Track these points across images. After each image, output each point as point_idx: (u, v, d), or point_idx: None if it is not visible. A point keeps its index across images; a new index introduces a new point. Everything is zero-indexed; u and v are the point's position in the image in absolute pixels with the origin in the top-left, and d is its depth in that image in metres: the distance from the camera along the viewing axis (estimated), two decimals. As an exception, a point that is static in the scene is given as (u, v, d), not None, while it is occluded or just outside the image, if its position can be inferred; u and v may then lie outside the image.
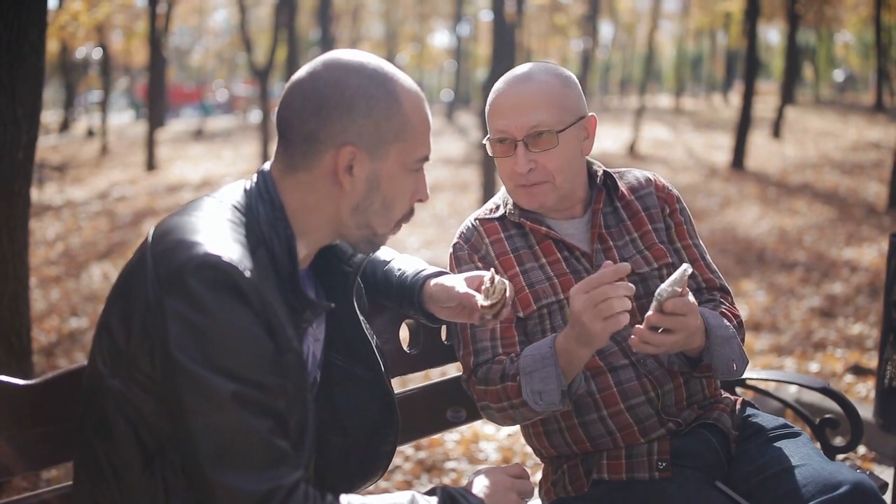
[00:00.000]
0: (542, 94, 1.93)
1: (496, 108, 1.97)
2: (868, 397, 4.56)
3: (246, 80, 44.47)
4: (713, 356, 1.88)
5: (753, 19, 16.16)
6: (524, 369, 1.82)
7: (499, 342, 1.96)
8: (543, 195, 1.97)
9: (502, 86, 1.98)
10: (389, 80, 1.48)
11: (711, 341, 1.86)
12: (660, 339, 1.74)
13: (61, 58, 26.08)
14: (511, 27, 12.64)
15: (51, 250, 10.13)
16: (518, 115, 1.92)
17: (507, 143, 1.95)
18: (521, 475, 1.57)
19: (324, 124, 1.44)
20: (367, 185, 1.48)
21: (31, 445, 1.54)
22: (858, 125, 23.37)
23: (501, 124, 1.95)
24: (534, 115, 1.92)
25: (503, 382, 1.88)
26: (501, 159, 1.98)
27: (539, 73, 1.96)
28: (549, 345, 1.81)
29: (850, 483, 1.72)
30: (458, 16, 35.40)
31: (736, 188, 13.61)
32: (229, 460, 1.29)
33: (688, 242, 2.10)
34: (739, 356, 1.89)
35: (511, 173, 1.98)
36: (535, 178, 1.95)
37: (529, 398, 1.81)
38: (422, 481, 3.79)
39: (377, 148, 1.46)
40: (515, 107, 1.93)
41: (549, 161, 1.94)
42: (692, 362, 1.94)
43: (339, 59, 1.49)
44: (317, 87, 1.45)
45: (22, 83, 3.01)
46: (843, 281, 7.54)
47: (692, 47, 54.45)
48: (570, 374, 1.80)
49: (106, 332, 1.40)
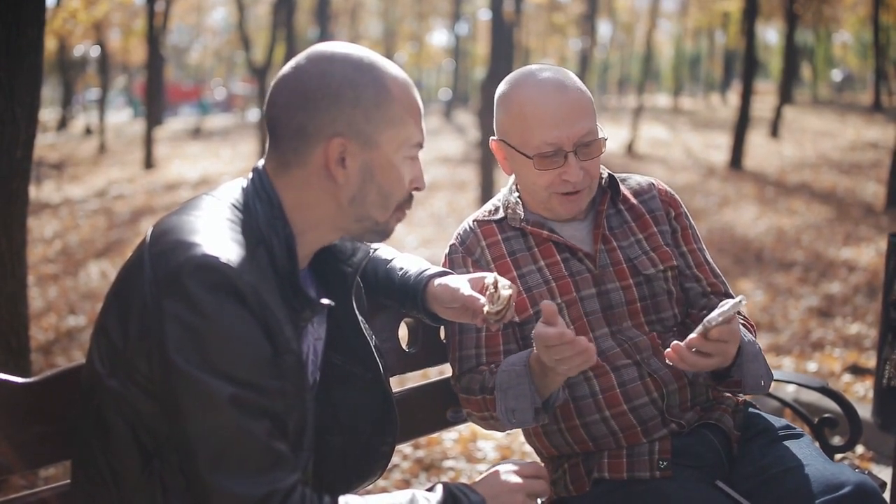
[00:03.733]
0: (583, 102, 1.92)
1: (541, 121, 1.90)
2: (866, 397, 4.56)
3: (244, 79, 44.45)
4: (743, 373, 1.86)
5: (752, 19, 16.17)
6: (500, 385, 1.83)
7: (483, 350, 1.96)
8: (582, 201, 1.98)
9: (537, 96, 1.91)
10: (375, 68, 1.46)
11: (743, 358, 1.85)
12: (695, 360, 1.73)
13: (59, 56, 26.05)
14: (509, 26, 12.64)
15: (49, 248, 10.12)
16: (569, 125, 1.89)
17: (555, 154, 1.91)
18: (536, 474, 1.54)
19: (311, 117, 1.42)
20: (361, 177, 1.46)
21: (29, 444, 1.53)
22: (856, 125, 23.38)
23: (553, 136, 1.89)
24: (583, 123, 1.90)
25: (482, 394, 1.89)
26: (542, 171, 1.93)
27: (566, 79, 1.94)
28: (524, 361, 1.81)
29: (852, 484, 1.72)
30: (457, 15, 35.42)
31: (734, 188, 13.61)
32: (226, 463, 1.28)
33: (693, 247, 2.09)
34: (767, 372, 1.89)
35: (555, 183, 1.93)
36: (581, 185, 1.94)
37: (503, 416, 1.82)
38: (420, 480, 3.79)
39: (368, 137, 1.45)
40: (567, 117, 1.89)
41: (594, 168, 1.95)
42: (717, 376, 1.92)
43: (322, 51, 1.47)
44: (302, 81, 1.43)
45: (20, 81, 3.00)
46: (841, 281, 7.54)
47: (690, 47, 54.50)
48: (545, 391, 1.80)
49: (103, 332, 1.39)
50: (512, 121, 1.95)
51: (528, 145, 1.93)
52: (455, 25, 36.33)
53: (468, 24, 43.18)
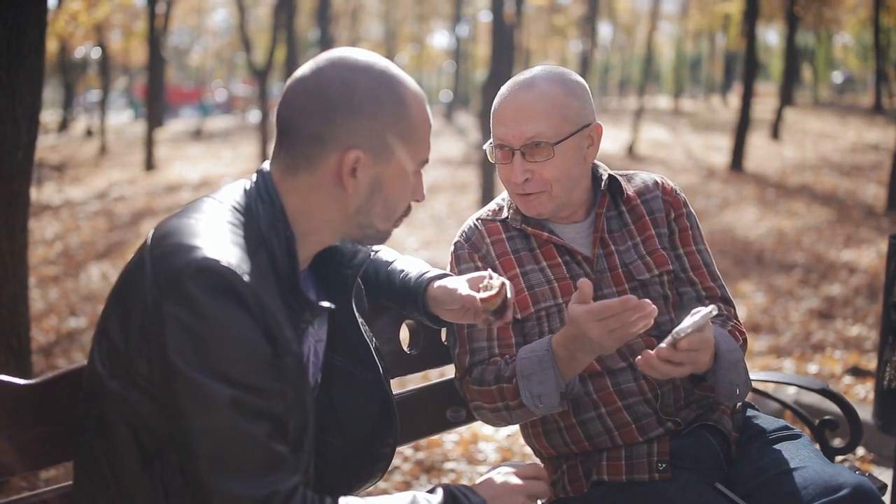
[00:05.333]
0: (541, 104, 1.91)
1: (497, 116, 1.96)
2: (867, 399, 4.56)
3: (245, 80, 44.46)
4: (718, 379, 1.86)
5: (752, 21, 16.16)
6: (521, 372, 1.82)
7: (495, 343, 1.96)
8: (540, 204, 1.97)
9: (506, 92, 1.97)
10: (396, 83, 1.46)
11: (719, 364, 1.84)
12: (667, 369, 1.73)
13: (60, 57, 26.06)
14: (510, 28, 12.65)
15: (49, 250, 10.12)
16: (516, 125, 1.91)
17: (505, 150, 1.95)
18: (536, 475, 1.54)
19: (329, 126, 1.42)
20: (369, 188, 1.47)
21: (30, 445, 1.53)
22: (857, 127, 23.38)
23: (501, 132, 1.94)
24: (531, 125, 1.90)
25: (498, 384, 1.88)
26: (501, 165, 1.98)
27: (543, 80, 1.94)
28: (546, 347, 1.81)
29: (850, 486, 1.72)
30: (458, 16, 35.40)
31: (734, 189, 13.61)
32: (227, 465, 1.28)
33: (691, 249, 2.08)
34: (744, 381, 1.88)
35: (509, 181, 1.98)
36: (531, 187, 1.94)
37: (529, 401, 1.81)
38: (421, 482, 3.79)
39: (382, 151, 1.45)
40: (514, 116, 1.92)
41: (546, 171, 1.93)
42: (694, 379, 1.93)
43: (345, 58, 1.46)
44: (322, 87, 1.42)
45: (21, 83, 3.01)
46: (842, 282, 7.54)
47: (691, 49, 54.48)
48: (569, 375, 1.80)
49: (104, 334, 1.39)
50: (491, 116, 2.01)
51: (492, 139, 1.98)
52: (456, 27, 36.30)
53: (469, 25, 43.18)
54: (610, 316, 1.64)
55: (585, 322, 1.66)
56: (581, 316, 1.66)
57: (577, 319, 1.67)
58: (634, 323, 1.64)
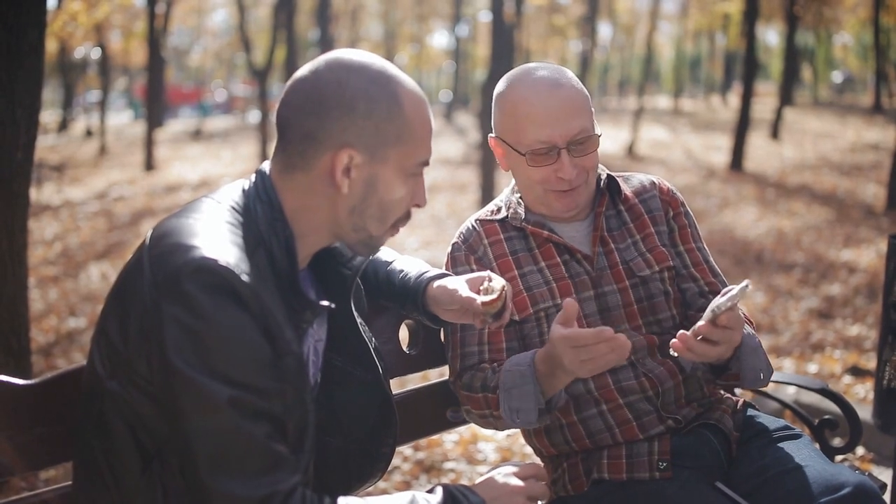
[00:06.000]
0: (577, 100, 1.92)
1: (533, 119, 1.91)
2: (866, 398, 4.56)
3: (245, 81, 44.45)
4: (742, 366, 1.86)
5: (752, 20, 16.17)
6: (503, 385, 1.83)
7: (486, 347, 1.96)
8: (579, 196, 1.98)
9: (530, 95, 1.92)
10: (392, 82, 1.46)
11: (742, 351, 1.84)
12: (704, 348, 1.72)
13: (60, 57, 26.06)
14: (510, 28, 12.65)
15: (49, 250, 10.12)
16: (562, 123, 1.90)
17: (548, 151, 1.92)
18: (536, 476, 1.54)
19: (323, 124, 1.42)
20: (364, 188, 1.46)
21: (29, 445, 1.53)
22: (857, 127, 23.37)
23: (544, 134, 1.90)
24: (576, 121, 1.91)
25: (484, 392, 1.89)
26: (537, 168, 1.94)
27: (561, 77, 1.94)
28: (529, 362, 1.81)
29: (852, 485, 1.72)
30: (457, 16, 35.41)
31: (734, 189, 13.61)
32: (226, 465, 1.28)
33: (691, 246, 2.09)
34: (766, 366, 1.88)
35: (549, 179, 1.94)
36: (576, 182, 1.95)
37: (507, 415, 1.83)
38: (420, 482, 3.79)
39: (376, 150, 1.45)
40: (558, 115, 1.90)
41: (588, 162, 1.95)
42: (715, 370, 1.93)
43: (341, 59, 1.47)
44: (318, 86, 1.44)
45: (21, 83, 3.01)
46: (842, 282, 7.55)
47: (691, 48, 54.47)
48: (550, 391, 1.81)
49: (104, 334, 1.39)
50: (506, 119, 1.97)
51: (521, 143, 1.94)
52: (455, 27, 36.31)
53: (468, 25, 43.17)
54: (583, 346, 1.63)
55: (561, 346, 1.66)
56: (558, 340, 1.66)
57: (554, 342, 1.68)
58: (605, 356, 1.62)
